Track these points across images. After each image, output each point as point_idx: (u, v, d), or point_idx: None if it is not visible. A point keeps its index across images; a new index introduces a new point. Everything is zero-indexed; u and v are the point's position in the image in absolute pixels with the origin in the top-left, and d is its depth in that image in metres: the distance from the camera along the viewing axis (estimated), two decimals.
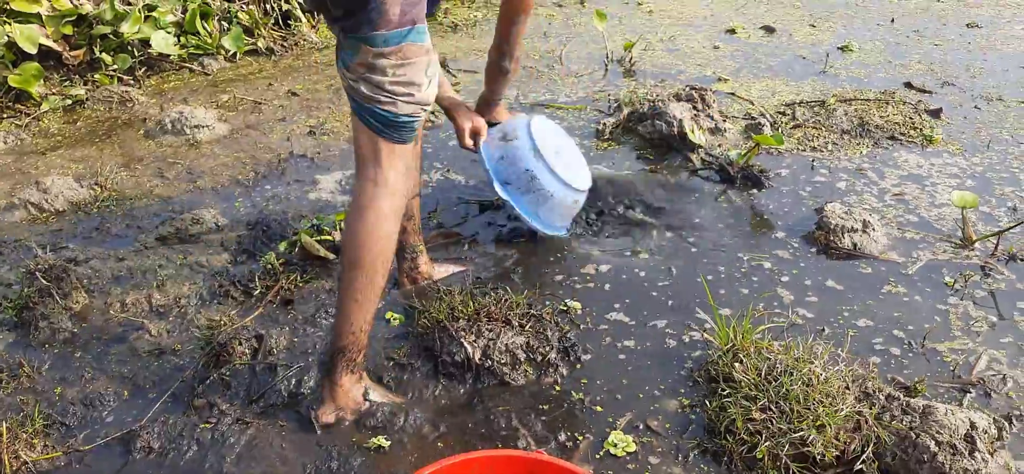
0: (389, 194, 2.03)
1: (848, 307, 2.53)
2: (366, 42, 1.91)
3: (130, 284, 2.70)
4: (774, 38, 5.35)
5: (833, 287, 2.63)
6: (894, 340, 2.38)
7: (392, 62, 1.93)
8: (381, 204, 2.03)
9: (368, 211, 2.03)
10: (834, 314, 2.50)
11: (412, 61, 1.95)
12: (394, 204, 2.04)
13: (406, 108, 1.98)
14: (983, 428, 1.91)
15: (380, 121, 1.98)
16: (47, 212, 3.19)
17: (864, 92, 4.26)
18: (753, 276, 2.70)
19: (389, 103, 1.96)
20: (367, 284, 2.05)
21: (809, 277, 2.69)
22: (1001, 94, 4.25)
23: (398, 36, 1.91)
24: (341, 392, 2.12)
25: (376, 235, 2.03)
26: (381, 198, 2.03)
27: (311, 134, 3.93)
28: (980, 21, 5.63)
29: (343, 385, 2.12)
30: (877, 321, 2.46)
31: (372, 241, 2.03)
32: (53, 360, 2.37)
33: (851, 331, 2.39)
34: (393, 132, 2.00)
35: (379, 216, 2.03)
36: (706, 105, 3.88)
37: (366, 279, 2.04)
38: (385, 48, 1.91)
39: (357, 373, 2.14)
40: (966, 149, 3.60)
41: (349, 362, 2.11)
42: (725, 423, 1.99)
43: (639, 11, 6.01)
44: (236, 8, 5.25)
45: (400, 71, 1.94)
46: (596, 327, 2.46)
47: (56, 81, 4.51)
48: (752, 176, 3.32)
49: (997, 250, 2.80)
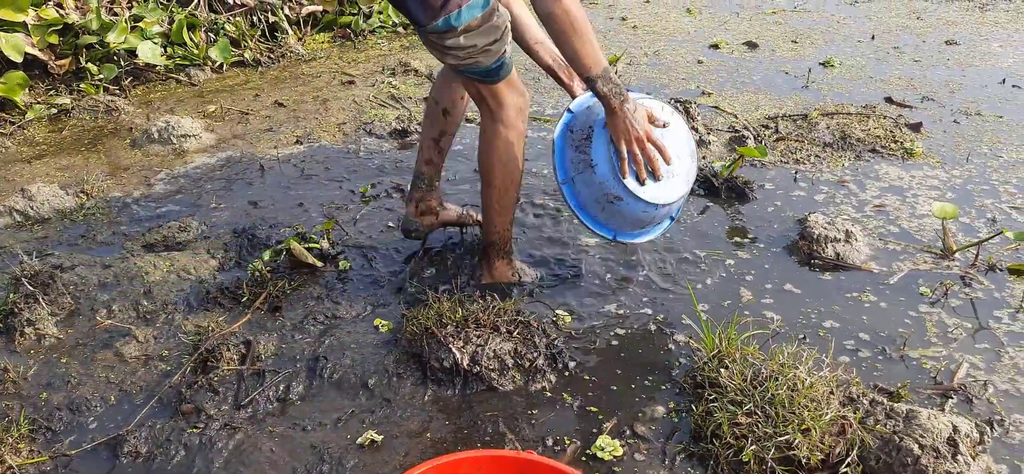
0: (507, 124, 2.44)
1: (831, 315, 2.56)
2: (428, 31, 2.24)
3: (117, 290, 2.69)
4: (757, 53, 5.41)
5: (816, 296, 2.67)
6: (875, 347, 2.41)
7: (459, 40, 2.23)
8: (503, 133, 2.44)
9: (492, 142, 2.46)
10: (817, 322, 2.53)
11: (476, 30, 2.23)
12: (514, 132, 2.45)
13: (488, 60, 2.30)
14: (965, 432, 1.94)
15: (476, 75, 2.35)
16: (32, 219, 3.18)
17: (846, 106, 4.32)
18: (738, 285, 2.73)
19: (473, 63, 2.30)
20: (501, 197, 2.53)
21: (792, 286, 2.72)
22: (979, 109, 4.32)
23: (446, 22, 2.20)
24: (496, 270, 2.68)
25: (502, 160, 2.47)
26: (501, 129, 2.44)
27: (297, 144, 3.94)
28: (958, 38, 5.72)
29: (497, 267, 2.68)
30: (859, 329, 2.49)
31: (499, 165, 2.47)
32: (39, 366, 2.36)
33: (834, 338, 2.43)
34: (490, 77, 2.36)
35: (503, 143, 2.45)
36: (690, 118, 3.92)
37: (499, 193, 2.53)
38: (446, 31, 2.22)
39: (506, 258, 2.68)
40: (946, 162, 3.66)
41: (498, 251, 2.66)
42: (711, 427, 2.01)
43: (624, 26, 6.07)
44: (223, 20, 5.25)
45: (469, 41, 2.24)
46: (584, 334, 2.48)
47: (41, 90, 4.49)
48: (736, 187, 3.36)
49: (977, 260, 2.84)
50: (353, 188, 3.45)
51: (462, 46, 2.24)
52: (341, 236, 3.03)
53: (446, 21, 2.19)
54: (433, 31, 2.22)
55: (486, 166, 2.49)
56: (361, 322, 2.54)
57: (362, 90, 4.68)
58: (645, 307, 2.62)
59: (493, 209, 2.56)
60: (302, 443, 2.05)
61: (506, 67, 2.37)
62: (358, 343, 2.43)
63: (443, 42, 2.24)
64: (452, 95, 2.72)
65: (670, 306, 2.61)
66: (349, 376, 2.29)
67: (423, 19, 2.22)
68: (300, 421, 2.13)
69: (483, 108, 2.45)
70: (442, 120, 2.75)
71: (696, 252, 2.93)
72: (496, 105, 2.41)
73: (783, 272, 2.80)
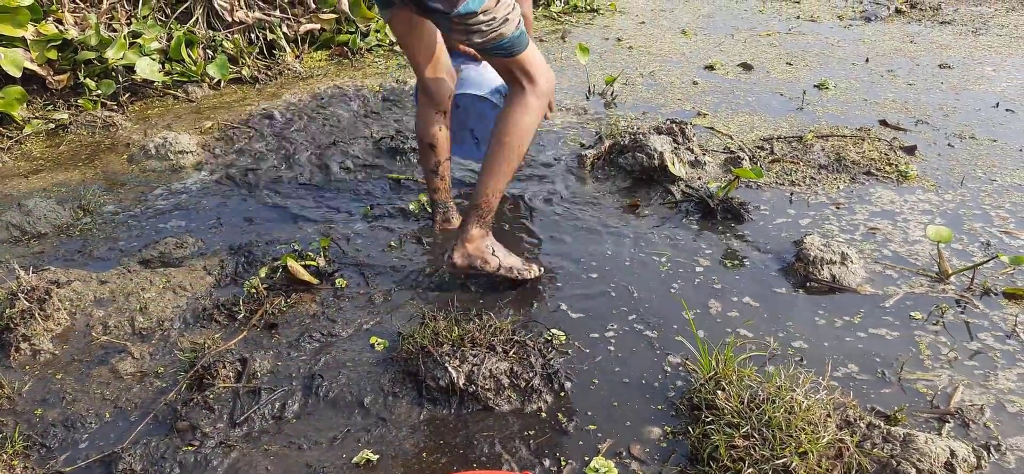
0: (535, 93, 2.65)
1: (827, 338, 2.57)
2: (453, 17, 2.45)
3: (112, 306, 2.69)
4: (752, 75, 5.44)
5: (812, 318, 2.67)
6: (872, 370, 2.41)
7: (479, 20, 2.46)
8: (532, 103, 2.65)
9: (517, 105, 2.65)
10: (812, 344, 2.53)
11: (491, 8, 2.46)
12: (542, 102, 2.67)
13: (509, 28, 2.53)
14: (962, 456, 1.95)
15: (502, 50, 2.56)
16: (29, 234, 3.17)
17: (840, 129, 4.34)
18: (734, 307, 2.74)
19: (497, 35, 2.51)
20: (506, 159, 2.66)
21: (788, 308, 2.73)
22: (973, 132, 4.35)
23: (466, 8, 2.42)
24: (471, 242, 2.68)
25: (521, 123, 2.64)
26: (532, 100, 2.65)
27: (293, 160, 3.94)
28: (952, 62, 5.77)
29: (473, 237, 2.68)
30: (855, 352, 2.50)
31: (515, 128, 2.64)
32: (34, 382, 2.35)
33: (830, 360, 2.43)
34: (515, 49, 2.57)
35: (525, 109, 2.64)
36: (686, 138, 3.94)
37: (506, 155, 2.65)
38: (468, 14, 2.44)
39: (484, 229, 2.70)
40: (940, 185, 3.68)
41: (479, 218, 2.68)
42: (708, 450, 2.01)
43: (619, 47, 6.10)
44: (221, 37, 5.27)
45: (487, 19, 2.47)
46: (580, 354, 2.48)
47: (39, 105, 4.50)
48: (732, 209, 3.37)
49: (973, 284, 2.86)
50: (350, 206, 3.46)
51: (485, 22, 2.48)
52: (338, 254, 3.04)
53: (467, 6, 2.43)
54: (457, 16, 2.46)
55: (504, 128, 2.65)
56: (357, 340, 2.54)
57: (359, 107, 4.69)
58: (641, 328, 2.62)
59: (493, 170, 2.67)
60: (298, 462, 2.04)
61: (524, 35, 2.60)
62: (354, 361, 2.43)
63: (467, 23, 2.48)
64: (430, 130, 3.02)
65: (666, 327, 2.62)
66: (345, 394, 2.29)
67: (446, 7, 2.45)
68: (296, 440, 2.12)
69: (515, 87, 2.67)
70: (430, 154, 3.05)
71: (692, 272, 2.94)
72: (528, 80, 2.65)
73: (779, 294, 2.81)
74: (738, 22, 6.97)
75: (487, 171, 2.68)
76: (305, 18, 5.78)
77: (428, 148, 3.03)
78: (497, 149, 2.67)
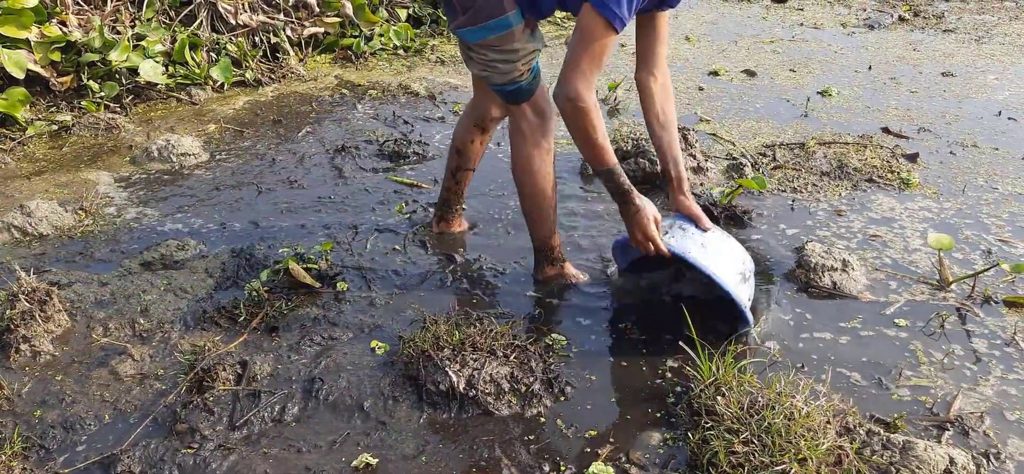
0: (524, 138, 2.63)
1: (827, 344, 2.56)
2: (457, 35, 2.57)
3: (113, 308, 2.69)
4: (756, 81, 5.45)
5: (812, 324, 2.67)
6: (872, 377, 2.41)
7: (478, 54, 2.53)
8: (521, 146, 2.65)
9: (515, 152, 2.68)
10: (813, 350, 2.53)
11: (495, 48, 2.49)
12: (532, 147, 2.63)
13: (500, 77, 2.54)
14: (962, 464, 1.94)
15: (495, 89, 2.62)
16: (31, 236, 3.18)
17: (843, 136, 4.34)
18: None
19: (488, 74, 2.56)
20: (536, 205, 2.72)
21: (789, 314, 2.73)
22: (975, 140, 4.35)
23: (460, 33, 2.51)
24: (547, 275, 2.84)
25: (529, 170, 2.66)
26: (520, 142, 2.65)
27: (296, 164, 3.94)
28: (955, 70, 5.76)
29: (548, 271, 2.84)
30: (855, 358, 2.50)
31: (527, 176, 2.67)
32: (33, 383, 2.35)
33: (830, 367, 2.43)
34: (506, 97, 2.60)
35: (523, 155, 2.65)
36: (688, 145, 3.94)
37: (534, 202, 2.71)
38: (472, 41, 2.51)
39: (556, 265, 2.84)
40: (942, 193, 3.68)
41: (546, 257, 2.83)
42: (707, 456, 2.00)
43: (622, 52, 6.10)
44: (225, 40, 5.28)
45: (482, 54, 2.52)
46: (580, 359, 2.48)
47: (42, 107, 4.51)
48: (735, 215, 3.37)
49: (974, 292, 2.85)
50: (352, 209, 3.46)
51: (479, 56, 2.54)
52: (340, 257, 3.04)
53: (461, 33, 2.52)
54: (456, 33, 2.55)
55: (514, 174, 2.72)
56: (358, 344, 2.54)
57: (363, 111, 4.70)
58: (642, 334, 2.62)
59: (527, 216, 2.79)
60: (297, 465, 2.04)
61: (523, 92, 2.58)
62: (354, 365, 2.43)
63: (467, 48, 2.58)
64: (464, 137, 3.00)
65: (667, 333, 2.61)
66: (345, 398, 2.29)
67: (453, 25, 2.55)
68: (295, 443, 2.12)
69: (511, 121, 2.70)
70: (456, 157, 3.05)
71: None
72: (516, 119, 2.65)
73: (780, 300, 2.81)
74: (742, 29, 6.97)
75: (529, 223, 2.80)
76: (309, 22, 5.79)
77: (456, 151, 3.04)
78: (520, 198, 2.76)
